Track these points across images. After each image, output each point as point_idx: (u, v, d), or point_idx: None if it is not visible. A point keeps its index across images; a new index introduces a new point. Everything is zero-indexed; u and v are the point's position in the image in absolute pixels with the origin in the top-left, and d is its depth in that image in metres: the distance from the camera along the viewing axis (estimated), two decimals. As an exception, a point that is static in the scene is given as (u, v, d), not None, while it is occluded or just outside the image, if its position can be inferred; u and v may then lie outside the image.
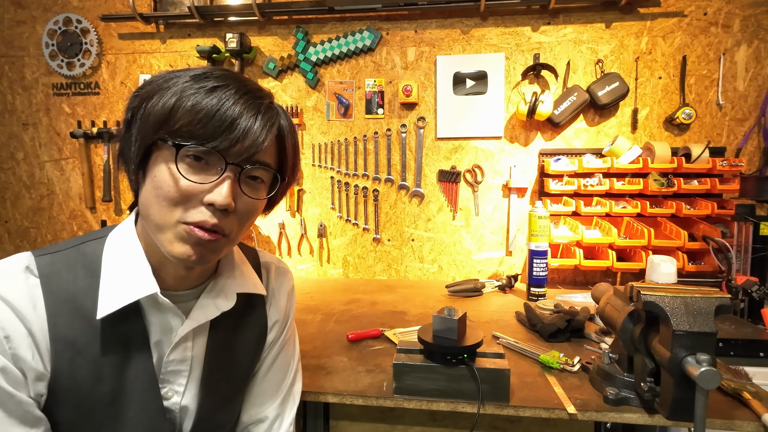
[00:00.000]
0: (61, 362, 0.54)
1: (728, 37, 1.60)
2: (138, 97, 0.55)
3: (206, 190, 0.53)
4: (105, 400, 0.56)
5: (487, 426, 0.95)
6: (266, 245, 1.89)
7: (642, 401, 0.78)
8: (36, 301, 0.53)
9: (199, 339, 0.64)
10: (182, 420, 0.64)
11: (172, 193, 0.52)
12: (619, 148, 1.55)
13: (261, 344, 0.74)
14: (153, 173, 0.53)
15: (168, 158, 0.52)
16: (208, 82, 0.53)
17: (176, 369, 0.62)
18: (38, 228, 1.99)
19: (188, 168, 0.53)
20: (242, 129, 0.52)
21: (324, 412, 0.98)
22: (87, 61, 1.88)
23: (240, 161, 0.54)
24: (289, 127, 0.60)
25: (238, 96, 0.53)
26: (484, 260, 1.79)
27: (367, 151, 1.80)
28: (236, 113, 0.52)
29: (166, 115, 0.51)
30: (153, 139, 0.53)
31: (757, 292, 1.25)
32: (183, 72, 0.55)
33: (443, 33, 1.73)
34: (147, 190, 0.54)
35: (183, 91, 0.52)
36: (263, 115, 0.54)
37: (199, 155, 0.52)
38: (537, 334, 1.14)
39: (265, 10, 1.71)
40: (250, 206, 0.58)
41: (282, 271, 0.79)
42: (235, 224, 0.57)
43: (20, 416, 0.50)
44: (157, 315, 0.60)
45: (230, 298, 0.65)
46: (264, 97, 0.57)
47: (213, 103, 0.51)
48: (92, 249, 0.59)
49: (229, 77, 0.55)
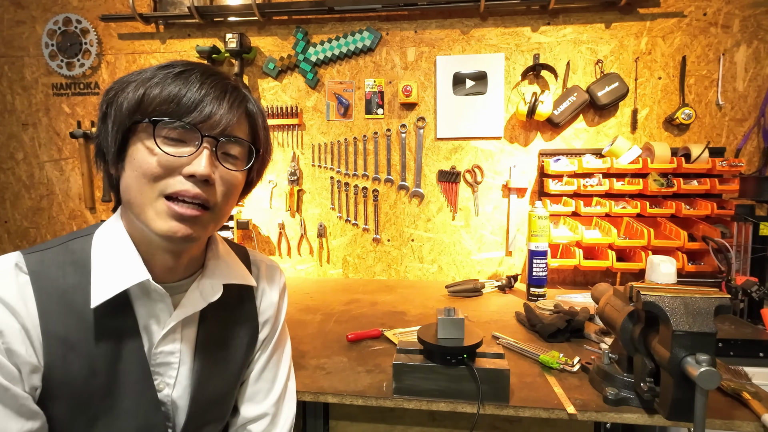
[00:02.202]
0: (54, 357, 0.54)
1: (728, 37, 1.60)
2: (111, 90, 0.57)
3: (185, 163, 0.55)
4: (99, 393, 0.57)
5: (486, 426, 0.95)
6: (266, 245, 1.89)
7: (642, 401, 0.78)
8: (27, 298, 0.54)
9: (188, 330, 0.65)
10: (175, 413, 0.64)
11: (152, 168, 0.54)
12: (619, 148, 1.55)
13: (253, 340, 0.74)
14: (132, 156, 0.56)
15: (144, 137, 0.55)
16: (174, 69, 0.56)
17: (166, 360, 0.62)
18: (38, 228, 1.99)
19: (166, 143, 0.55)
20: (212, 105, 0.56)
21: (324, 412, 0.98)
22: (87, 62, 1.88)
23: (214, 134, 0.57)
24: (257, 107, 0.64)
25: (204, 77, 0.57)
26: (483, 260, 1.79)
27: (366, 152, 1.80)
28: (204, 92, 0.55)
29: (139, 101, 0.54)
30: (128, 123, 0.55)
31: (756, 293, 1.25)
32: (150, 67, 0.58)
33: (443, 33, 1.74)
34: (127, 175, 0.56)
35: (151, 79, 0.55)
36: (230, 94, 0.58)
37: (175, 135, 0.55)
38: (537, 335, 1.14)
39: (265, 10, 1.71)
40: (229, 177, 0.60)
41: (272, 268, 0.80)
42: (218, 196, 0.59)
43: (16, 409, 0.51)
44: (147, 306, 0.61)
45: (217, 288, 0.66)
46: (229, 79, 0.60)
47: (181, 84, 0.55)
48: (80, 246, 0.60)
49: (194, 64, 0.58)
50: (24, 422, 0.51)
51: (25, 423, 0.52)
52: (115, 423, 0.58)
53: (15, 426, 0.51)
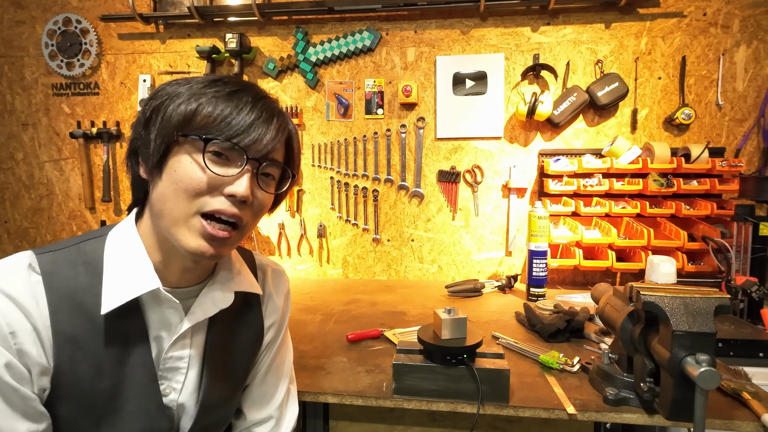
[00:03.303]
0: (63, 357, 0.55)
1: (727, 37, 1.60)
2: (158, 97, 0.57)
3: (227, 182, 0.56)
4: (105, 395, 0.57)
5: (486, 426, 0.95)
6: (266, 245, 1.89)
7: (641, 401, 0.79)
8: (38, 298, 0.54)
9: (198, 336, 0.65)
10: (180, 417, 0.65)
11: (195, 184, 0.55)
12: (619, 148, 1.55)
13: (258, 344, 0.75)
14: (173, 168, 0.56)
15: (191, 151, 0.56)
16: (226, 86, 0.58)
17: (174, 366, 0.63)
18: (38, 228, 1.99)
19: (211, 161, 0.56)
20: (261, 129, 0.57)
21: (324, 412, 0.98)
22: (86, 62, 1.88)
23: (258, 157, 0.58)
24: (295, 131, 0.66)
25: (255, 101, 0.58)
26: (483, 260, 1.79)
27: (366, 152, 1.80)
28: (255, 116, 0.57)
29: (190, 115, 0.55)
30: (175, 136, 0.55)
31: (756, 293, 1.25)
32: (196, 78, 0.59)
33: (443, 33, 1.74)
34: (164, 185, 0.56)
35: (203, 94, 0.56)
36: (277, 119, 0.60)
37: (220, 152, 0.56)
38: (537, 335, 1.14)
39: (265, 10, 1.71)
40: (263, 200, 0.62)
41: (278, 273, 0.81)
42: (250, 216, 0.61)
43: (23, 411, 0.51)
44: (157, 312, 0.61)
45: (228, 295, 0.67)
46: (276, 103, 0.62)
47: (233, 105, 0.56)
48: (92, 247, 0.60)
49: (244, 84, 0.60)
50: (30, 424, 0.52)
51: (32, 425, 0.52)
52: (119, 425, 0.58)
53: (22, 427, 0.51)
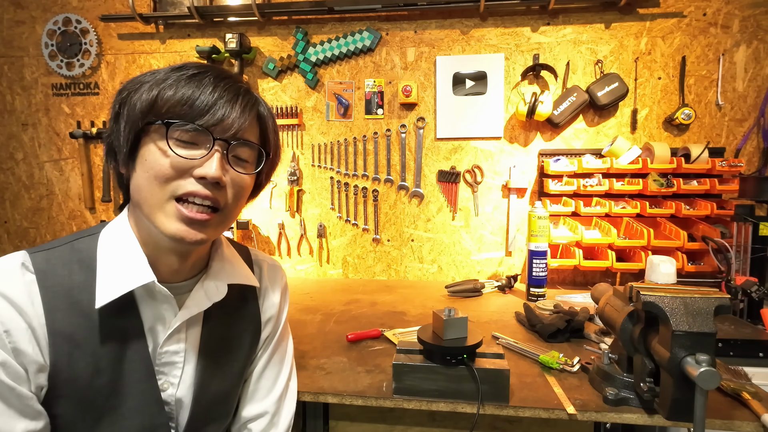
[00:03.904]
0: (60, 355, 0.55)
1: (727, 37, 1.60)
2: (124, 90, 0.58)
3: (197, 165, 0.56)
4: (103, 392, 0.57)
5: (486, 426, 0.95)
6: (266, 245, 1.89)
7: (641, 401, 0.78)
8: (33, 297, 0.54)
9: (193, 330, 0.65)
10: (178, 412, 0.64)
11: (164, 170, 0.55)
12: (619, 148, 1.55)
13: (256, 339, 0.75)
14: (143, 157, 0.56)
15: (157, 138, 0.56)
16: (188, 71, 0.57)
17: (170, 360, 0.63)
18: (37, 228, 1.99)
19: (178, 144, 0.56)
20: (225, 108, 0.56)
21: (323, 412, 0.98)
22: (86, 62, 1.88)
23: (226, 137, 0.57)
24: (268, 110, 0.64)
25: (218, 80, 0.57)
26: (483, 260, 1.79)
27: (366, 152, 1.80)
28: (217, 95, 0.56)
29: (152, 102, 0.55)
30: (141, 124, 0.55)
31: (756, 293, 1.25)
32: (163, 68, 0.59)
33: (443, 33, 1.74)
34: (138, 175, 0.57)
35: (165, 80, 0.56)
36: (242, 98, 0.59)
37: (187, 138, 0.56)
38: (536, 335, 1.14)
39: (265, 10, 1.71)
40: (239, 180, 0.61)
41: (274, 268, 0.81)
42: (230, 198, 0.60)
43: (20, 409, 0.51)
44: (152, 306, 0.61)
45: (221, 289, 0.67)
46: (241, 82, 0.61)
47: (194, 87, 0.56)
48: (86, 245, 0.60)
49: (207, 66, 0.59)
50: (28, 422, 0.52)
51: (29, 423, 0.52)
52: (118, 422, 0.58)
53: (19, 426, 0.51)
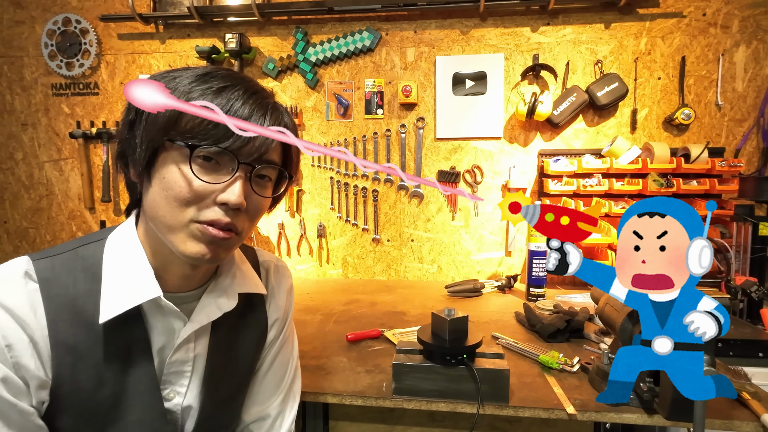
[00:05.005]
0: (63, 368, 0.53)
1: (727, 37, 1.60)
2: None
3: (219, 190, 0.53)
4: (106, 405, 0.56)
5: (486, 426, 0.95)
6: (266, 245, 1.89)
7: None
8: (36, 307, 0.52)
9: (201, 339, 0.64)
10: (184, 421, 0.63)
11: (184, 194, 0.52)
12: (619, 148, 1.55)
13: (261, 343, 0.74)
14: (161, 175, 0.53)
15: (178, 159, 0.52)
16: (215, 82, 0.53)
17: (179, 370, 0.61)
18: (37, 228, 1.99)
19: (200, 168, 0.52)
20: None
21: (323, 412, 0.98)
22: (86, 62, 1.88)
23: (251, 161, 0.54)
24: (292, 125, 0.61)
25: (246, 96, 0.53)
26: (483, 260, 1.79)
27: (366, 152, 1.80)
28: (246, 114, 0.53)
29: (176, 116, 0.51)
30: (161, 140, 0.52)
31: (756, 293, 1.25)
32: (185, 71, 0.54)
33: (442, 33, 1.74)
34: (154, 191, 0.53)
35: (190, 92, 0.52)
36: (271, 116, 0.55)
37: (210, 156, 0.52)
38: (536, 335, 1.14)
39: (265, 10, 1.71)
40: (259, 204, 0.59)
41: (281, 270, 0.79)
42: (246, 222, 0.58)
43: (21, 426, 0.49)
44: (159, 318, 0.59)
45: (232, 298, 0.65)
46: (269, 97, 0.58)
47: (224, 103, 0.52)
48: (92, 252, 0.58)
49: (234, 77, 0.55)
50: None
51: None
52: None
53: None
